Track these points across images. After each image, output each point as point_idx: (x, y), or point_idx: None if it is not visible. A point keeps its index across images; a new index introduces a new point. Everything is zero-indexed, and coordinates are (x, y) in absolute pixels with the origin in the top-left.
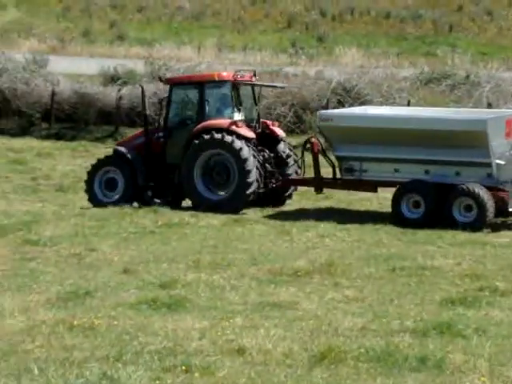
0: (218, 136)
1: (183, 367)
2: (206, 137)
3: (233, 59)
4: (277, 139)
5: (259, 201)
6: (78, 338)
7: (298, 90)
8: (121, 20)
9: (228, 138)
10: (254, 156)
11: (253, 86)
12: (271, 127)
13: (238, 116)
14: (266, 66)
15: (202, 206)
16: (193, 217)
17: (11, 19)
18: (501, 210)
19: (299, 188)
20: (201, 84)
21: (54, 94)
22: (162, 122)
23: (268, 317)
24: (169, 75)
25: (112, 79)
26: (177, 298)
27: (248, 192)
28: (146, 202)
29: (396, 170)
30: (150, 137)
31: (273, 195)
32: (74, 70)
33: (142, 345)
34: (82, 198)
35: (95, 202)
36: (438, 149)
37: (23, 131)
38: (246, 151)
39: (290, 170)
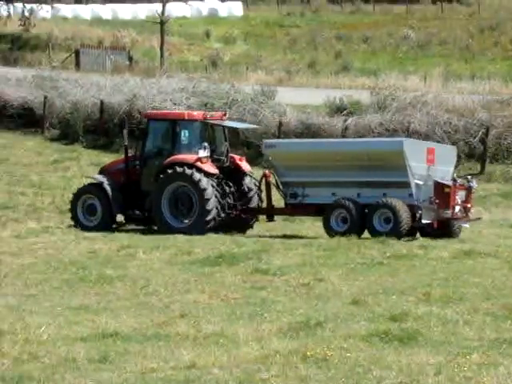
0: (180, 170)
1: None
2: (170, 171)
3: (460, 88)
4: (243, 173)
5: (224, 229)
6: (311, 368)
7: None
8: (346, 51)
9: (189, 172)
10: (213, 186)
11: (218, 126)
12: (237, 162)
13: (203, 152)
14: (496, 95)
15: (167, 232)
16: (421, 248)
17: (240, 52)
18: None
19: None
20: (173, 121)
21: (281, 124)
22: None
23: (507, 354)
24: (394, 104)
25: (338, 109)
26: (409, 332)
27: (208, 218)
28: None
29: (333, 194)
30: (128, 164)
31: (236, 224)
32: (300, 100)
33: (377, 378)
34: (309, 228)
35: (79, 225)
36: (366, 171)
37: (251, 162)
38: (205, 182)
39: (252, 202)
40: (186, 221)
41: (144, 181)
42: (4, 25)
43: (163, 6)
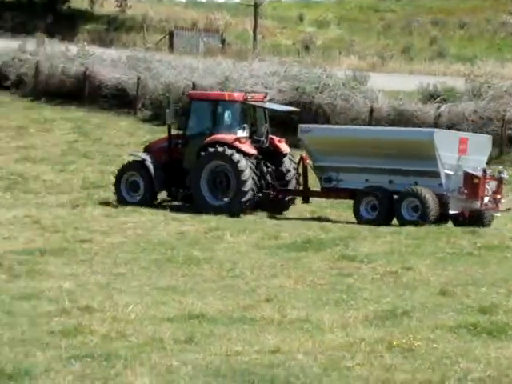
0: (220, 149)
1: None
2: (211, 149)
3: None
4: (282, 154)
5: (261, 207)
6: (397, 358)
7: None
8: (441, 37)
9: (228, 152)
10: (251, 168)
11: (259, 107)
12: (277, 143)
13: (242, 133)
14: None
15: (204, 209)
16: None
17: (333, 36)
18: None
19: None
20: (214, 101)
21: (372, 110)
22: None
23: None
24: (490, 92)
25: (431, 96)
26: (498, 325)
27: (244, 199)
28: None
29: (366, 180)
30: (171, 143)
31: (273, 203)
32: (393, 86)
33: (464, 371)
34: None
35: (121, 201)
36: (398, 159)
37: None
38: (243, 163)
39: (289, 183)
40: (223, 199)
41: (186, 159)
42: (101, 6)
43: None
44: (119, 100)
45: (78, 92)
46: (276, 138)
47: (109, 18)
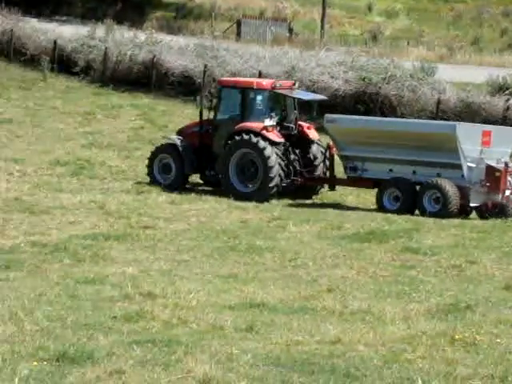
0: (247, 137)
1: None
2: (238, 138)
3: None
4: (310, 141)
5: (290, 193)
6: (459, 352)
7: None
8: None
9: (254, 139)
10: (277, 154)
11: (287, 96)
12: (305, 130)
13: (269, 121)
14: None
15: (233, 196)
16: None
17: (401, 27)
18: (463, 206)
19: None
20: (243, 89)
21: (439, 102)
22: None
23: None
24: None
25: (500, 89)
26: None
27: (271, 185)
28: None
29: (390, 170)
30: (202, 128)
31: (302, 190)
32: (461, 78)
33: None
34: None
35: (155, 182)
36: (421, 150)
37: None
38: (269, 150)
39: (317, 170)
40: (251, 186)
41: (215, 144)
42: None
43: None
44: (185, 87)
45: (145, 79)
46: (305, 125)
47: (177, 5)
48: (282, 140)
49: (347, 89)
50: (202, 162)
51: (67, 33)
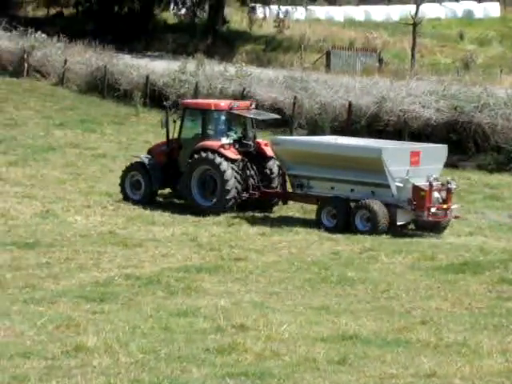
0: (204, 155)
1: None
2: (197, 156)
3: None
4: (267, 157)
5: (248, 207)
6: None
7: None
8: None
9: (211, 156)
10: (233, 169)
11: (243, 116)
12: (262, 147)
13: (226, 140)
14: None
15: (196, 209)
16: None
17: (494, 54)
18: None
19: None
20: (203, 110)
21: None
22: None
23: None
24: None
25: None
26: None
27: (228, 197)
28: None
29: (332, 188)
30: (169, 146)
31: (260, 203)
32: None
33: None
34: None
35: (126, 198)
36: (356, 171)
37: (500, 167)
38: (225, 165)
39: (274, 184)
40: (212, 200)
41: (181, 161)
42: (259, 27)
43: (417, 8)
44: (276, 119)
45: None
46: (262, 142)
47: (267, 38)
48: (239, 156)
49: (439, 118)
50: (170, 178)
51: (159, 68)
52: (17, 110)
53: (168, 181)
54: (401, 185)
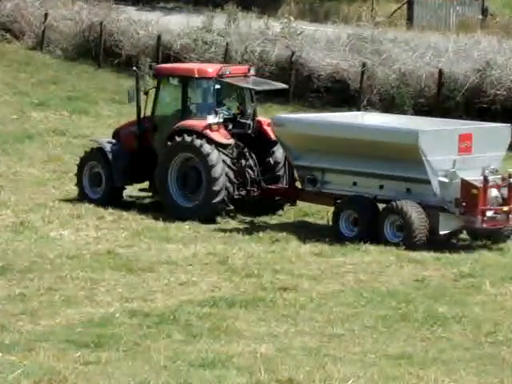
0: (188, 139)
1: None
2: (179, 139)
3: None
4: (272, 142)
5: (249, 208)
6: None
7: None
8: None
9: (195, 141)
10: (224, 162)
11: (236, 86)
12: (264, 127)
13: (215, 118)
14: None
15: (173, 213)
16: None
17: None
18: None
19: None
20: (183, 79)
21: None
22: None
23: None
24: None
25: None
26: None
27: (215, 201)
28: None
29: (354, 183)
30: (140, 128)
31: (262, 204)
32: None
33: None
34: None
35: (84, 197)
36: (388, 162)
37: None
38: (215, 157)
39: (280, 178)
40: (194, 199)
41: (156, 148)
42: None
43: None
44: (336, 95)
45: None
46: (265, 121)
47: None
48: (231, 141)
49: None
50: (143, 169)
51: (175, 25)
52: None
53: (139, 173)
54: (446, 180)
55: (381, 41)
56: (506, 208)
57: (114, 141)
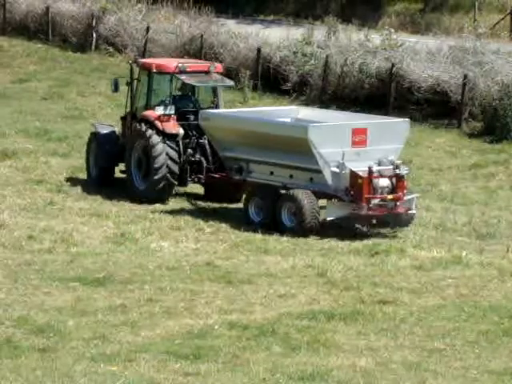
0: (142, 128)
1: None
2: (138, 127)
3: None
4: None
5: (202, 197)
6: None
7: None
8: None
9: (149, 132)
10: (165, 143)
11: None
12: None
13: (165, 109)
14: None
15: (129, 192)
16: None
17: None
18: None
19: None
20: (148, 72)
21: None
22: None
23: None
24: None
25: None
26: None
27: (156, 178)
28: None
29: (271, 173)
30: (129, 116)
31: (222, 191)
32: None
33: None
34: None
35: (91, 182)
36: (290, 154)
37: None
38: (155, 138)
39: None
40: (146, 184)
41: None
42: None
43: None
44: (437, 107)
45: (381, 96)
46: None
47: None
48: (179, 130)
49: None
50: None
51: (274, 38)
52: (82, 96)
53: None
54: (337, 170)
55: (483, 52)
56: (390, 196)
57: (111, 125)
